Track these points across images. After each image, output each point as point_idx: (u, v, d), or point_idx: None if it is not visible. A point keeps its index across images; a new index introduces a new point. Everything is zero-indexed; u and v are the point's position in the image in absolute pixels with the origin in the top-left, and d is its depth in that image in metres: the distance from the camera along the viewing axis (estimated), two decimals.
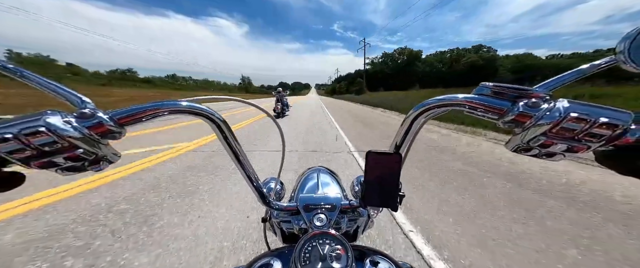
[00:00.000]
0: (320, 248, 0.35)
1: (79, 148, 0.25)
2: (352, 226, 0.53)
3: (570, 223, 1.84)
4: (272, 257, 0.38)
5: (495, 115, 0.28)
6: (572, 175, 2.83)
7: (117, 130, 0.28)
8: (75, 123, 0.25)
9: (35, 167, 0.25)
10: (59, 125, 0.24)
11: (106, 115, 0.27)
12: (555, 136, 0.25)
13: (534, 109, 0.25)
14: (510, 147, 0.30)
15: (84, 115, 0.26)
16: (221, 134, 0.37)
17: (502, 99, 0.27)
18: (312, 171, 0.75)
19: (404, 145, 0.38)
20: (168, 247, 1.54)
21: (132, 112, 0.28)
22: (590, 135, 0.24)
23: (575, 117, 0.24)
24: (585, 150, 0.25)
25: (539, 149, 0.27)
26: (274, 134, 5.32)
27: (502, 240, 1.63)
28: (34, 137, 0.23)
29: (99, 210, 1.98)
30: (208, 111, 0.33)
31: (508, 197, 2.27)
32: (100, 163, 0.28)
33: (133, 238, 1.62)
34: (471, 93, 0.30)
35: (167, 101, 0.30)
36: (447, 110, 0.32)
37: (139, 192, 2.32)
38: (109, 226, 1.75)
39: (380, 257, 0.39)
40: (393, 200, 0.38)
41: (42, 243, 1.55)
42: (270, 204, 0.49)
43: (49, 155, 0.24)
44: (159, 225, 1.77)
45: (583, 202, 2.16)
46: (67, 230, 1.69)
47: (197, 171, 2.95)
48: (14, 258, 1.41)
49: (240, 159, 0.41)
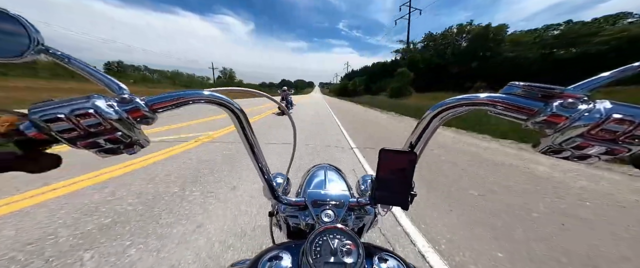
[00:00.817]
0: (331, 242, 0.35)
1: (118, 131, 0.27)
2: (358, 224, 0.54)
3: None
4: (280, 250, 0.39)
5: (524, 115, 0.27)
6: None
7: (151, 116, 0.29)
8: (117, 107, 0.27)
9: (81, 147, 0.26)
10: (104, 108, 0.25)
11: (142, 101, 0.28)
12: (594, 138, 0.24)
13: (570, 110, 0.25)
14: (540, 149, 0.29)
15: (124, 100, 0.27)
16: (239, 124, 0.38)
17: (534, 99, 0.27)
18: (318, 168, 0.76)
19: (419, 145, 0.38)
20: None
21: (163, 100, 0.30)
22: (633, 137, 0.23)
23: (619, 118, 0.23)
24: (625, 153, 0.24)
25: (573, 151, 0.26)
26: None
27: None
28: (83, 118, 0.25)
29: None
30: (228, 101, 0.34)
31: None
32: (134, 147, 0.30)
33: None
34: (498, 92, 0.29)
35: (192, 91, 0.32)
36: (469, 111, 0.31)
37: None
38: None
39: (388, 254, 0.39)
40: (404, 199, 0.39)
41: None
42: (279, 198, 0.49)
43: (94, 136, 0.26)
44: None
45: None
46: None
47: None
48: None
49: (255, 151, 0.42)
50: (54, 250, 1.42)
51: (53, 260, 1.35)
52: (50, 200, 1.99)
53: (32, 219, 1.71)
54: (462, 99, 0.31)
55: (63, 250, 1.42)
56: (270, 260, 0.37)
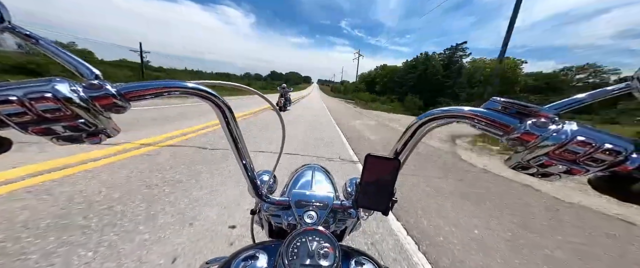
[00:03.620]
0: (309, 244, 0.35)
1: (81, 118, 0.25)
2: (341, 226, 0.54)
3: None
4: (257, 249, 0.38)
5: (501, 131, 0.28)
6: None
7: (123, 105, 0.27)
8: (82, 92, 0.25)
9: (31, 133, 0.24)
10: (66, 93, 0.24)
11: (114, 88, 0.27)
12: (557, 157, 0.25)
13: (540, 129, 0.26)
14: (510, 164, 0.30)
15: (92, 85, 0.26)
16: (224, 120, 0.37)
17: (511, 116, 0.28)
18: (306, 168, 0.75)
19: (404, 153, 0.38)
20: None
21: (139, 88, 0.28)
22: (592, 160, 0.24)
23: (582, 140, 0.24)
24: (583, 174, 0.26)
25: (538, 168, 0.27)
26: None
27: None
28: (38, 102, 0.23)
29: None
30: (215, 95, 0.33)
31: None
32: (99, 136, 0.28)
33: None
34: (480, 107, 0.30)
35: (174, 81, 0.30)
36: (452, 122, 0.32)
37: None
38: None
39: (365, 258, 0.39)
40: (385, 205, 0.39)
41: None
42: (263, 197, 0.49)
43: (48, 122, 0.24)
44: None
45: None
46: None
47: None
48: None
49: (239, 147, 0.41)
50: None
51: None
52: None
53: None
54: (447, 111, 0.32)
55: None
56: (245, 259, 0.36)
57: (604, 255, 1.92)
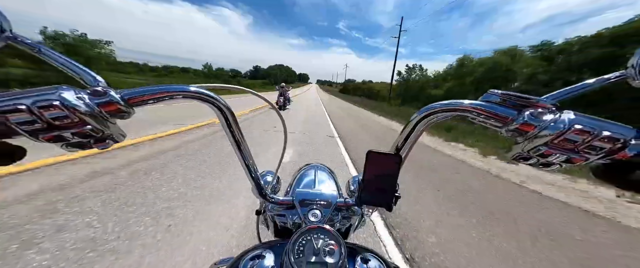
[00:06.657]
0: (315, 242, 0.35)
1: (88, 124, 0.25)
2: (345, 224, 0.54)
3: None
4: (263, 249, 0.39)
5: (499, 123, 0.28)
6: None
7: (126, 110, 0.28)
8: (88, 100, 0.25)
9: (43, 141, 0.24)
10: (72, 100, 0.24)
11: (118, 94, 0.27)
12: (556, 147, 0.25)
13: (538, 119, 0.26)
14: (511, 156, 0.30)
15: (96, 92, 0.26)
16: (225, 122, 0.37)
17: (509, 108, 0.28)
18: (309, 167, 0.75)
19: (405, 148, 0.38)
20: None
21: (142, 93, 0.28)
22: (591, 148, 0.24)
23: (580, 129, 0.24)
24: (583, 162, 0.26)
25: (538, 159, 0.27)
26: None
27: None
28: (47, 110, 0.23)
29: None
30: (216, 98, 0.34)
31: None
32: (106, 142, 0.28)
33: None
34: (478, 100, 0.30)
35: (176, 85, 0.31)
36: (452, 116, 0.32)
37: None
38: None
39: (371, 255, 0.39)
40: (388, 200, 0.39)
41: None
42: (267, 197, 0.49)
43: (58, 130, 0.24)
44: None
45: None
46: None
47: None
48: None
49: (241, 148, 0.41)
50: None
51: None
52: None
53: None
54: (447, 104, 0.31)
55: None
56: (252, 259, 0.37)
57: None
